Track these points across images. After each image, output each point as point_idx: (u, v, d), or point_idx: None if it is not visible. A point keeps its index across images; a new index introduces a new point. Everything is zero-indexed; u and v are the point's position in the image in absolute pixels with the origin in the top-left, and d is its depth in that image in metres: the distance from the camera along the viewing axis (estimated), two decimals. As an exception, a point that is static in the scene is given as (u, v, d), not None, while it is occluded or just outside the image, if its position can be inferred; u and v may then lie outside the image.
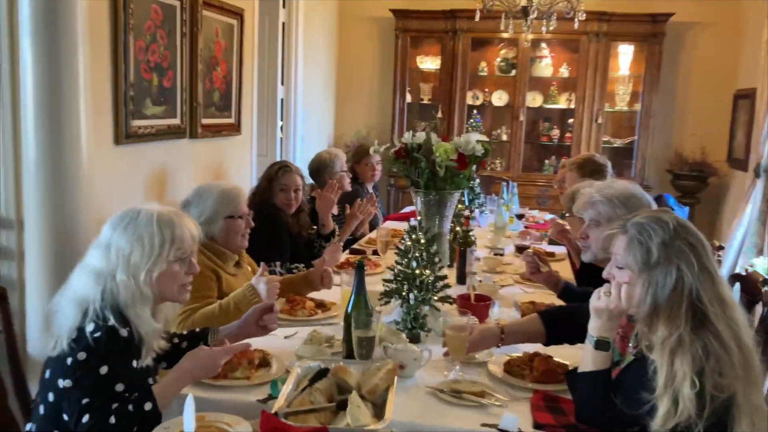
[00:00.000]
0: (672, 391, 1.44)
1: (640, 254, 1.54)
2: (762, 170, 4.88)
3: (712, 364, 1.44)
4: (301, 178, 3.40)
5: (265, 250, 2.81)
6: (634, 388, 1.53)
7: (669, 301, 1.51)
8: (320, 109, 6.50)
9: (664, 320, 1.51)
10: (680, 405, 1.42)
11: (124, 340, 1.60)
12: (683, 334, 1.47)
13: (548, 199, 6.24)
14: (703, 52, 6.12)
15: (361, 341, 1.84)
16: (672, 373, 1.45)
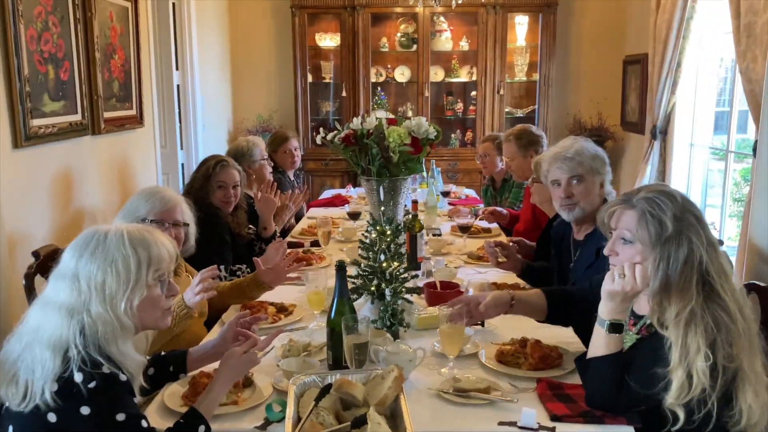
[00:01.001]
0: (686, 364, 1.45)
1: (653, 228, 1.54)
2: (658, 132, 5.16)
3: (723, 336, 1.47)
4: (239, 173, 3.15)
5: (205, 254, 2.58)
6: (648, 365, 1.53)
7: (681, 274, 1.52)
8: (218, 94, 6.16)
9: (677, 294, 1.52)
10: (694, 378, 1.44)
11: (124, 384, 1.40)
12: (695, 307, 1.49)
13: (457, 174, 6.30)
14: (592, 21, 6.35)
15: (355, 348, 1.72)
16: (686, 347, 1.46)
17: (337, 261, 1.84)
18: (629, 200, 1.62)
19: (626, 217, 1.60)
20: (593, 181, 2.39)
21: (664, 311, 1.54)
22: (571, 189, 2.38)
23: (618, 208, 1.64)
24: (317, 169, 6.29)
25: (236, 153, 3.75)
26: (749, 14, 3.57)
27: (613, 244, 1.64)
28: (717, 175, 5.08)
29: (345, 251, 3.04)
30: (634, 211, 1.59)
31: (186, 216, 2.36)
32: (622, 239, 1.61)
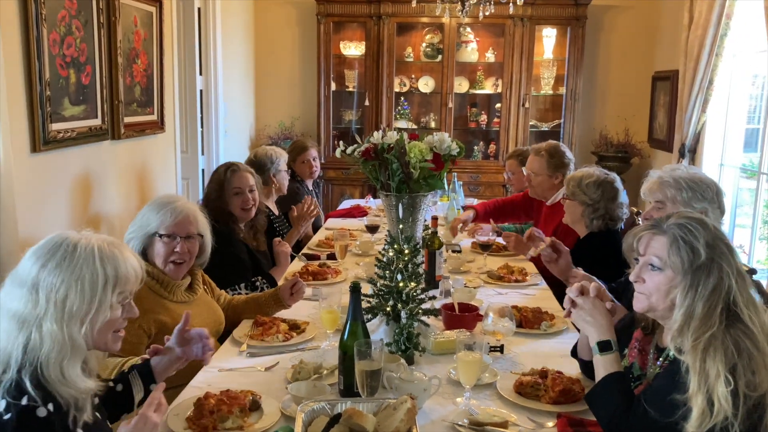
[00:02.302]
0: (706, 389, 1.39)
1: (686, 255, 1.48)
2: (687, 150, 5.03)
3: (745, 361, 1.40)
4: (253, 176, 3.09)
5: (222, 272, 2.53)
6: (665, 391, 1.46)
7: (707, 302, 1.46)
8: (241, 100, 6.15)
9: (699, 320, 1.46)
10: (715, 404, 1.37)
11: (40, 421, 1.24)
12: (716, 332, 1.44)
13: (479, 186, 6.21)
14: (621, 36, 6.24)
15: (367, 375, 1.65)
16: (705, 371, 1.40)
17: (352, 282, 1.77)
18: (659, 225, 1.55)
19: (656, 243, 1.54)
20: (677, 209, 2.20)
21: (683, 337, 1.47)
22: (651, 212, 2.25)
23: (647, 233, 1.57)
24: (337, 178, 6.24)
25: (263, 160, 3.67)
26: (786, 33, 3.46)
27: (641, 271, 1.57)
28: (746, 194, 4.94)
29: (362, 266, 2.97)
30: (665, 236, 1.52)
31: (201, 226, 2.28)
32: (651, 266, 1.54)
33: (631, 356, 1.71)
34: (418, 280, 2.11)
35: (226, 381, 1.86)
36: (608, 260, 2.50)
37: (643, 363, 1.68)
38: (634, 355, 1.71)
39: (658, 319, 1.61)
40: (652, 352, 1.67)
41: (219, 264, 2.58)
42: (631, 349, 1.73)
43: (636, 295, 1.60)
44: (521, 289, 2.85)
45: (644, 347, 1.70)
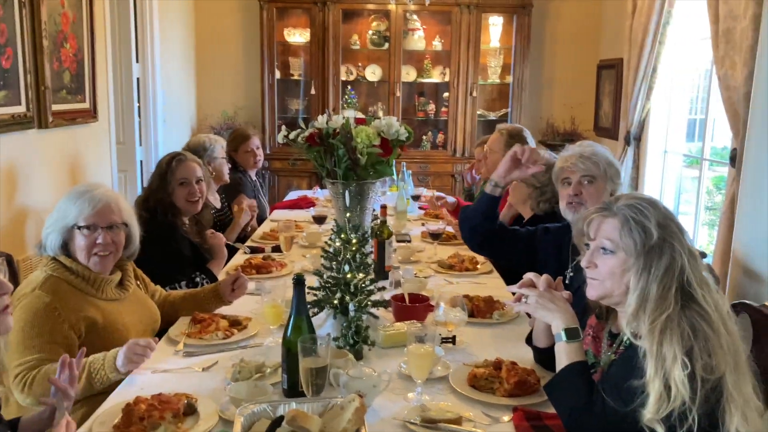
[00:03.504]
0: (663, 373, 1.34)
1: (638, 236, 1.44)
2: (632, 138, 5.08)
3: (701, 344, 1.36)
4: (200, 166, 2.92)
5: (162, 268, 2.37)
6: (622, 379, 1.41)
7: (661, 283, 1.42)
8: (181, 88, 5.92)
9: (654, 304, 1.41)
10: (672, 389, 1.32)
11: None
12: (672, 315, 1.40)
13: (428, 176, 6.15)
14: (567, 24, 6.26)
15: (312, 373, 1.54)
16: (662, 355, 1.36)
17: (295, 274, 1.66)
18: (609, 208, 1.51)
19: (607, 226, 1.49)
20: (605, 186, 2.29)
21: (639, 321, 1.42)
22: (581, 188, 2.28)
23: (596, 216, 1.52)
24: (284, 169, 6.07)
25: (196, 147, 3.53)
26: (728, 19, 3.48)
27: (592, 256, 1.52)
28: (689, 182, 5.02)
29: (308, 258, 2.85)
30: (616, 219, 1.48)
31: (125, 215, 2.09)
32: (603, 249, 1.50)
33: (585, 343, 1.66)
34: (367, 270, 2.01)
35: (159, 384, 1.72)
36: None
37: (597, 350, 1.64)
38: (588, 342, 1.66)
39: (613, 304, 1.56)
40: (606, 339, 1.62)
41: (159, 260, 2.43)
42: (585, 336, 1.68)
43: (589, 281, 1.55)
44: (472, 277, 2.79)
45: (598, 334, 1.66)
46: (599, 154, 2.33)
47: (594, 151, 2.34)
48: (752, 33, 3.20)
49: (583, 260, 1.56)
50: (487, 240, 2.46)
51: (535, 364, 1.85)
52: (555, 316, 1.59)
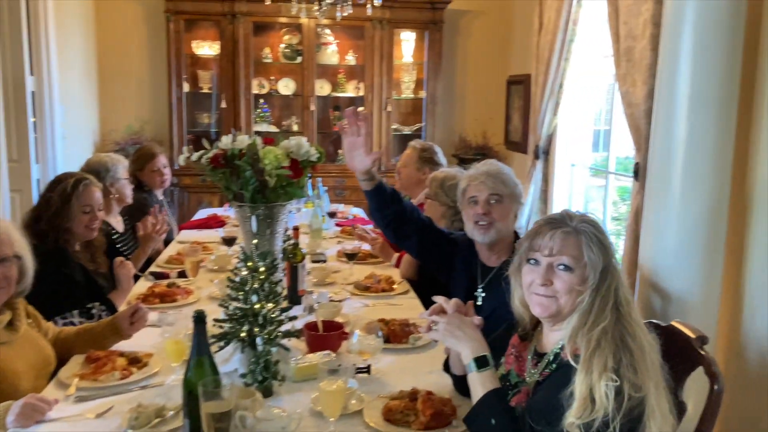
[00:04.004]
0: (590, 382, 1.34)
1: (600, 254, 1.46)
2: (541, 152, 5.20)
3: (628, 360, 1.37)
4: (100, 191, 2.75)
5: (55, 300, 2.17)
6: (550, 397, 1.40)
7: (604, 298, 1.45)
8: (82, 102, 5.60)
9: (594, 316, 1.44)
10: (597, 400, 1.32)
11: None
12: (606, 327, 1.41)
13: (345, 191, 6.09)
14: (477, 40, 6.37)
15: (215, 418, 1.43)
16: (591, 365, 1.36)
17: (195, 311, 1.54)
18: (566, 224, 1.50)
19: (569, 243, 1.48)
20: (510, 206, 2.32)
21: (576, 335, 1.44)
22: (489, 207, 2.27)
23: (558, 233, 1.50)
24: (194, 186, 5.85)
25: (97, 168, 3.29)
26: (628, 39, 3.61)
27: (548, 273, 1.49)
28: (594, 191, 5.19)
29: (216, 283, 2.71)
30: (580, 236, 1.48)
31: (17, 246, 1.92)
32: (562, 266, 1.48)
33: (508, 363, 1.65)
34: (277, 300, 1.91)
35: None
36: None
37: (520, 370, 1.61)
38: (511, 361, 1.64)
39: (552, 322, 1.54)
40: (530, 358, 1.60)
41: (48, 288, 2.23)
42: (507, 356, 1.66)
43: (537, 298, 1.52)
44: (389, 298, 2.74)
45: (521, 353, 1.63)
46: (505, 173, 2.35)
47: (500, 170, 2.36)
48: (650, 53, 3.32)
49: (536, 277, 1.51)
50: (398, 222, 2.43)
51: (454, 391, 1.81)
52: (464, 345, 1.54)
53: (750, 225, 2.53)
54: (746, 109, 2.51)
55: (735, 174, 2.46)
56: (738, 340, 2.58)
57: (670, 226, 2.39)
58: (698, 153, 2.33)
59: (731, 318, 2.62)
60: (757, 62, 2.52)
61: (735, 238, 2.56)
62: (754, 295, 2.51)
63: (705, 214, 2.35)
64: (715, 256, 2.39)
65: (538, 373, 1.54)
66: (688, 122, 2.33)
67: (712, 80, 2.31)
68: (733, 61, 2.34)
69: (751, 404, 2.48)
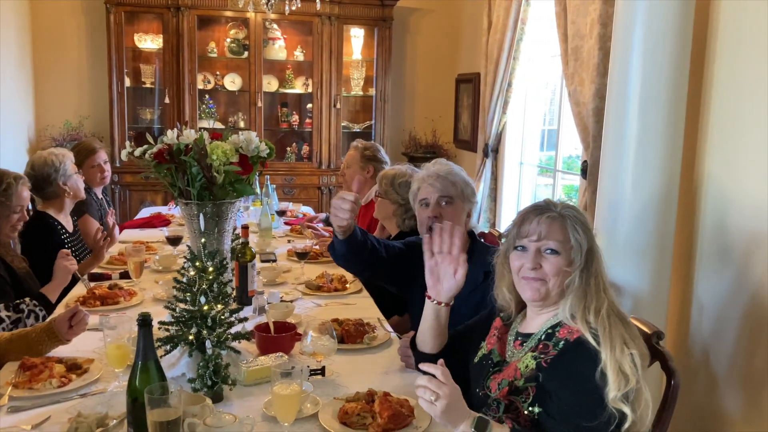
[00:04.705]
0: (615, 357, 1.41)
1: (584, 236, 1.53)
2: (490, 150, 5.24)
3: (630, 333, 1.47)
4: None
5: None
6: (583, 383, 1.43)
7: (596, 279, 1.53)
8: (15, 97, 5.33)
9: (593, 296, 1.51)
10: (627, 372, 1.39)
11: None
12: (610, 306, 1.50)
13: (294, 189, 6.00)
14: (426, 38, 6.38)
15: (162, 427, 1.35)
16: (613, 343, 1.42)
17: (140, 314, 1.45)
18: (551, 210, 1.57)
19: (554, 227, 1.55)
20: (462, 206, 2.29)
21: (578, 315, 1.50)
22: (440, 209, 2.25)
23: (543, 219, 1.56)
24: (136, 183, 5.65)
25: (45, 170, 3.11)
26: (576, 38, 3.65)
27: (536, 257, 1.55)
28: (542, 189, 5.25)
29: (161, 284, 2.61)
30: (563, 220, 1.55)
31: None
32: (550, 250, 1.54)
33: (490, 344, 1.70)
34: (226, 301, 1.83)
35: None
36: None
37: (501, 350, 1.66)
38: (493, 342, 1.69)
39: (541, 306, 1.59)
40: (512, 339, 1.65)
41: None
42: (489, 337, 1.72)
43: (527, 282, 1.57)
44: (341, 298, 2.68)
45: (502, 336, 1.68)
46: (456, 173, 2.32)
47: (450, 170, 2.33)
48: (598, 52, 3.36)
49: (527, 261, 1.56)
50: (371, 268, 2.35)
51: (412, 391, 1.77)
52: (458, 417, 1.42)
53: (698, 221, 2.58)
54: (695, 107, 2.56)
55: (684, 171, 2.51)
56: (686, 336, 2.63)
57: (621, 223, 2.41)
58: (649, 151, 2.36)
59: (679, 314, 2.67)
60: (705, 61, 2.57)
61: (684, 235, 2.61)
62: (702, 293, 2.56)
63: (655, 211, 2.39)
64: (664, 252, 2.43)
65: (531, 350, 1.55)
66: (639, 120, 2.36)
67: (663, 79, 2.34)
68: (683, 60, 2.37)
69: (696, 400, 2.54)
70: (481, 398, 1.63)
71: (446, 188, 2.28)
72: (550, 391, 1.47)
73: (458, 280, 1.76)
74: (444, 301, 1.78)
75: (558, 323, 1.55)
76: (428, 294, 1.81)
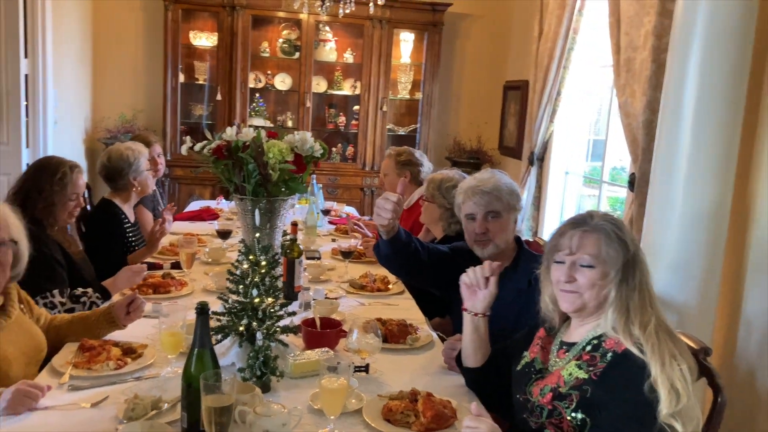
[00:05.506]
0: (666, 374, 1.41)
1: (620, 249, 1.54)
2: (535, 158, 5.22)
3: (679, 347, 1.47)
4: None
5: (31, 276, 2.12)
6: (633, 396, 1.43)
7: (640, 293, 1.53)
8: (75, 88, 5.54)
9: (638, 310, 1.51)
10: (679, 389, 1.39)
11: None
12: (658, 321, 1.50)
13: (337, 189, 6.07)
14: (476, 44, 6.38)
15: (215, 412, 1.40)
16: (662, 358, 1.43)
17: (198, 303, 1.51)
18: (587, 223, 1.59)
19: (588, 241, 1.57)
20: (509, 217, 2.30)
21: (632, 330, 1.50)
22: (487, 225, 2.27)
23: (576, 232, 1.59)
24: (185, 177, 5.80)
25: (121, 165, 3.24)
26: (629, 50, 3.62)
27: (571, 270, 1.57)
28: (587, 200, 5.21)
29: (211, 276, 2.69)
30: (598, 234, 1.56)
31: (13, 231, 1.87)
32: (583, 264, 1.56)
33: (533, 352, 1.72)
34: (277, 294, 1.89)
35: (40, 423, 1.53)
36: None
37: (544, 358, 1.69)
38: (536, 351, 1.72)
39: (580, 317, 1.61)
40: (556, 348, 1.67)
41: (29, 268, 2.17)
42: (533, 346, 1.74)
43: (564, 294, 1.60)
44: (384, 298, 2.72)
45: (546, 345, 1.71)
46: (501, 186, 2.30)
47: (495, 184, 2.30)
48: (651, 64, 3.34)
49: (560, 274, 1.59)
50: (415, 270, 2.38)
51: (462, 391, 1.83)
52: None
53: (749, 237, 2.55)
54: (750, 120, 2.52)
55: (737, 185, 2.48)
56: (732, 354, 2.60)
57: (669, 237, 2.39)
58: (701, 165, 2.34)
59: (726, 331, 2.63)
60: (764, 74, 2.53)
61: (734, 251, 2.58)
62: (750, 310, 2.53)
63: (705, 226, 2.37)
64: (713, 267, 2.41)
65: (574, 359, 1.57)
66: (692, 134, 2.34)
67: (719, 94, 2.32)
68: (741, 75, 2.35)
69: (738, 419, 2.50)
70: (522, 403, 1.66)
71: (491, 203, 2.28)
72: (599, 404, 1.48)
73: (490, 288, 1.80)
74: (480, 312, 1.81)
75: (602, 334, 1.57)
76: (464, 307, 1.84)
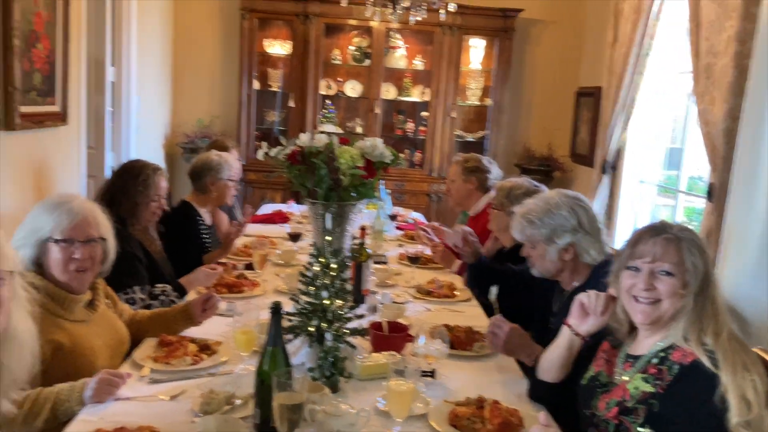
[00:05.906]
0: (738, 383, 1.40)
1: (700, 259, 1.53)
2: (608, 167, 5.10)
3: (751, 358, 1.46)
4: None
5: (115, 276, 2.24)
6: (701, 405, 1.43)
7: (714, 303, 1.52)
8: (155, 94, 5.78)
9: (711, 319, 1.51)
10: (751, 399, 1.38)
11: None
12: (731, 331, 1.49)
13: (404, 195, 6.10)
14: (547, 50, 6.29)
15: (287, 409, 1.45)
16: (734, 369, 1.42)
17: (273, 303, 1.57)
18: (666, 232, 1.57)
19: (669, 249, 1.55)
20: (546, 248, 2.18)
21: (705, 337, 1.49)
22: (528, 251, 2.27)
23: (658, 240, 1.56)
24: (258, 181, 5.97)
25: (202, 166, 3.46)
26: (709, 55, 3.51)
27: (650, 277, 1.56)
28: (662, 210, 5.05)
29: (282, 277, 2.76)
30: (679, 243, 1.55)
31: (103, 229, 2.00)
32: (664, 272, 1.55)
33: (598, 366, 1.71)
34: (345, 297, 1.93)
35: (122, 413, 1.62)
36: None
37: (609, 371, 1.67)
38: (601, 364, 1.70)
39: (651, 329, 1.59)
40: (621, 361, 1.66)
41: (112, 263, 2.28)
42: (597, 359, 1.73)
43: (641, 306, 1.58)
44: (450, 305, 2.73)
45: (611, 358, 1.69)
46: (545, 216, 2.17)
47: (540, 212, 2.18)
48: (732, 70, 3.22)
49: (640, 282, 1.57)
50: None
51: (528, 400, 1.83)
52: None
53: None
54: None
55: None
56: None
57: (750, 248, 2.30)
58: (786, 175, 2.24)
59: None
60: None
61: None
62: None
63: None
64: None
65: (636, 372, 1.57)
66: (776, 143, 2.25)
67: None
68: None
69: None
70: (588, 417, 1.64)
71: (530, 235, 2.21)
72: (667, 418, 1.45)
73: (604, 318, 1.72)
74: (583, 334, 1.76)
75: (669, 346, 1.54)
76: (568, 322, 1.77)
